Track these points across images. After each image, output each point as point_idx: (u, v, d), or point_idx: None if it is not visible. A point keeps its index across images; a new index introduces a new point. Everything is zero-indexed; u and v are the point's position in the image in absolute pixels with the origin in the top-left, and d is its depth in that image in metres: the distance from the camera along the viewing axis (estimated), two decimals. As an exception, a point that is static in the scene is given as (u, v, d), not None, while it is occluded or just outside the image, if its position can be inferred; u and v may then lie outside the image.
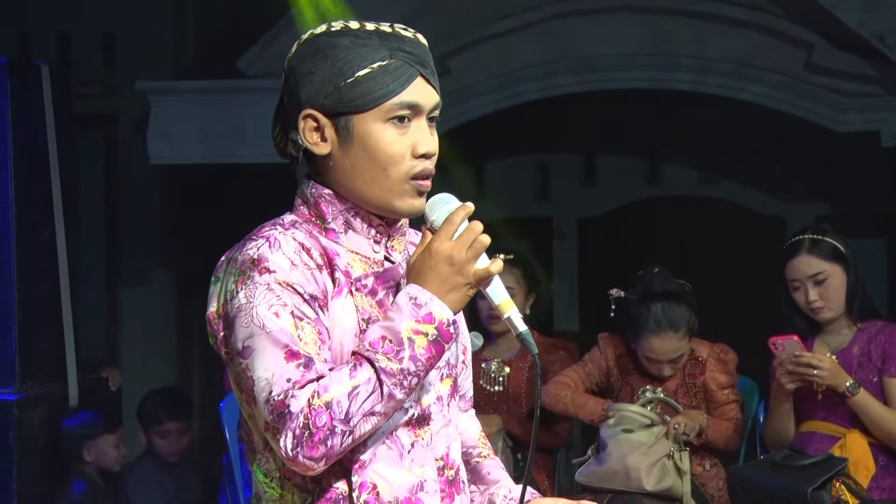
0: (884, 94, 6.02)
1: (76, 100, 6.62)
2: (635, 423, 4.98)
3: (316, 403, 2.27)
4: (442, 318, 2.36)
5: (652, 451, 4.93)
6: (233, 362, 2.36)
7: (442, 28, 6.36)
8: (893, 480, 4.85)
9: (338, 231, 2.47)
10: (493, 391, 5.47)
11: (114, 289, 7.67)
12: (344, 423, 2.28)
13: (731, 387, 5.18)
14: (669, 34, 6.28)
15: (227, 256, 2.45)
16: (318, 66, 2.42)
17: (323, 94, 2.42)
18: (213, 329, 2.42)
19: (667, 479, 4.94)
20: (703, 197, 7.23)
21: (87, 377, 6.22)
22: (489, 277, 2.42)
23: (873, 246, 6.81)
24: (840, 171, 6.68)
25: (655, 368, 5.14)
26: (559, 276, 7.16)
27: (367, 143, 2.42)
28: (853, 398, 4.73)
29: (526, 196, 7.43)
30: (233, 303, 2.36)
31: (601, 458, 5.02)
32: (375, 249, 2.49)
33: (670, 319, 5.05)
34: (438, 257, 2.38)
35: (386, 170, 2.43)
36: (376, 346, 2.32)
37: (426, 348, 2.34)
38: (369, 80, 2.40)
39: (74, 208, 6.27)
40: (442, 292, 2.37)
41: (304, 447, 2.27)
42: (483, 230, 2.40)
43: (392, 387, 2.31)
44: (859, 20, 5.86)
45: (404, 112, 2.42)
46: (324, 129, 2.43)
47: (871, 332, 4.88)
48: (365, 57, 2.40)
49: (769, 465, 4.83)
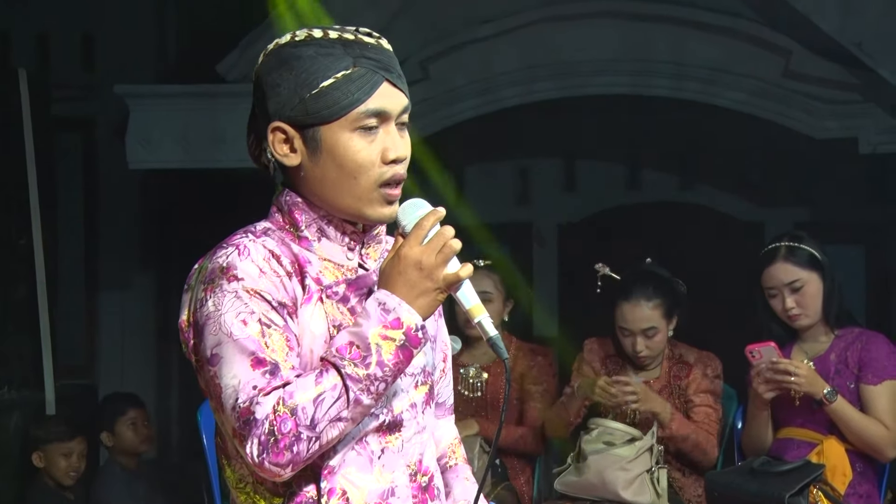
0: (861, 101, 6.04)
1: (56, 104, 6.63)
2: (617, 437, 4.99)
3: (281, 410, 2.27)
4: (410, 324, 2.35)
5: (632, 465, 4.95)
6: (202, 370, 2.37)
7: (422, 33, 6.37)
8: (870, 487, 4.86)
9: (311, 239, 2.47)
10: (472, 397, 5.48)
11: (93, 293, 7.66)
12: (309, 430, 2.29)
13: (711, 393, 5.18)
14: (648, 40, 6.28)
15: (199, 264, 2.45)
16: (283, 79, 2.42)
17: (289, 107, 2.42)
18: (185, 337, 2.43)
19: (644, 495, 4.96)
20: (682, 203, 7.25)
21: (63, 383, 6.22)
22: (459, 282, 2.41)
23: (851, 252, 6.83)
24: (818, 177, 6.69)
25: (629, 343, 5.15)
26: (539, 282, 7.17)
27: (336, 153, 2.42)
28: (830, 405, 4.74)
29: (506, 201, 7.44)
30: (202, 311, 2.36)
31: (581, 469, 5.04)
32: (349, 257, 2.50)
33: (643, 289, 5.10)
34: (407, 262, 2.37)
35: (356, 178, 2.43)
36: (343, 351, 2.32)
37: (394, 354, 2.34)
38: (334, 91, 2.40)
39: (52, 213, 6.27)
40: (411, 297, 2.37)
41: (269, 453, 2.28)
42: (454, 235, 2.39)
43: (358, 392, 2.31)
44: (837, 27, 5.87)
45: (371, 121, 2.42)
46: (293, 140, 2.44)
47: (849, 339, 4.89)
48: (329, 67, 2.40)
49: (747, 472, 4.83)
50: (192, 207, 6.69)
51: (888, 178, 6.48)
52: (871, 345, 4.86)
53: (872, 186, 6.65)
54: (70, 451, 5.84)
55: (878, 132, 6.03)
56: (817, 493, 4.70)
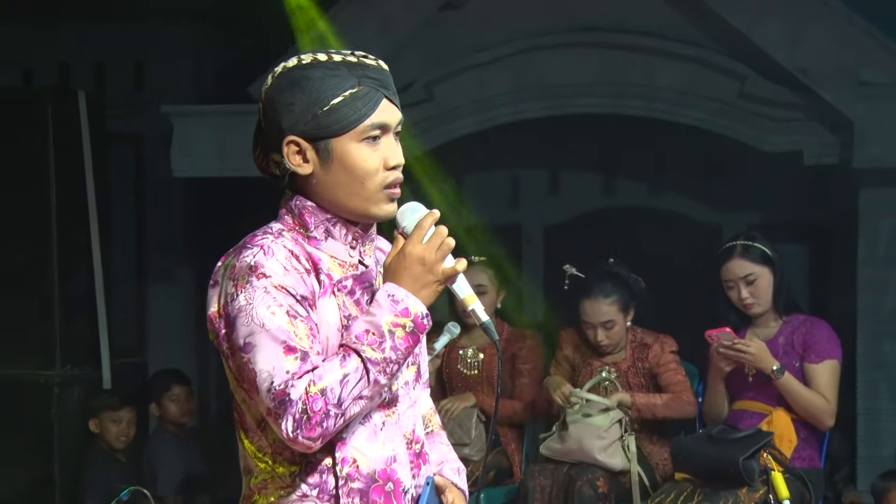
0: (806, 120, 6.04)
1: (110, 121, 6.64)
2: (595, 408, 5.03)
3: (312, 391, 2.27)
4: (417, 312, 2.37)
5: (607, 434, 5.00)
6: (234, 356, 2.35)
7: (426, 60, 6.37)
8: (812, 451, 4.90)
9: (319, 238, 2.46)
10: (470, 374, 5.52)
11: (143, 285, 7.67)
12: (337, 407, 2.29)
13: (672, 361, 5.21)
14: (622, 67, 6.28)
15: (223, 262, 2.43)
16: (296, 97, 2.40)
17: (303, 122, 2.40)
18: (215, 327, 2.40)
19: (616, 458, 5.00)
20: (652, 207, 7.24)
21: (117, 362, 6.24)
22: (455, 275, 2.44)
23: (797, 250, 6.84)
24: (768, 185, 6.69)
25: (592, 334, 5.20)
26: (528, 276, 7.18)
27: (346, 162, 2.41)
28: (778, 380, 4.78)
29: (498, 206, 7.43)
30: (233, 304, 2.34)
31: (563, 437, 5.08)
32: (351, 254, 2.49)
33: (603, 288, 5.14)
34: (412, 259, 2.39)
35: (363, 182, 2.43)
36: (361, 338, 2.33)
37: (404, 338, 2.35)
38: (343, 107, 2.39)
39: (107, 215, 6.28)
40: (415, 289, 2.38)
41: (303, 429, 2.27)
42: (448, 234, 2.42)
43: (377, 373, 2.32)
44: (785, 56, 5.89)
45: (375, 132, 2.43)
46: (305, 151, 2.42)
47: (794, 324, 4.93)
48: (337, 86, 2.40)
49: (706, 438, 4.86)
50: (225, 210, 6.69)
51: (829, 185, 6.50)
52: (814, 329, 4.90)
53: (815, 193, 6.66)
54: (120, 419, 5.87)
55: (820, 146, 6.04)
56: (767, 457, 4.73)
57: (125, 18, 7.19)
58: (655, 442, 5.20)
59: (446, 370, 5.57)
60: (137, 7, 7.06)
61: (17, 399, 5.80)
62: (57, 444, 5.77)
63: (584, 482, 4.89)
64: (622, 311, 5.19)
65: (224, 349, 2.40)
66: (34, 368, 5.84)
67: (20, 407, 5.80)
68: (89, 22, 7.18)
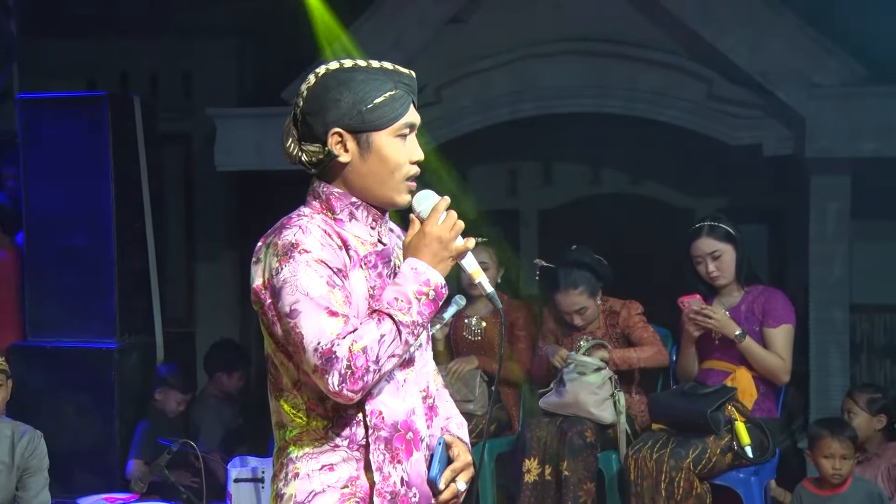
0: (765, 117, 6.01)
1: (162, 123, 6.65)
2: (588, 367, 5.04)
3: (356, 349, 2.29)
4: (437, 282, 2.40)
5: (599, 390, 5.01)
6: (281, 322, 2.36)
7: (436, 66, 6.35)
8: (770, 404, 4.92)
9: (344, 220, 2.48)
10: (474, 340, 5.53)
11: (192, 264, 7.66)
12: (375, 363, 2.31)
13: (640, 320, 5.20)
14: (606, 71, 6.26)
15: (265, 242, 2.44)
16: (342, 95, 2.42)
17: (348, 117, 2.42)
18: (261, 298, 2.41)
19: (607, 412, 5.01)
20: (633, 193, 7.22)
21: (168, 331, 6.25)
22: (465, 252, 2.47)
23: (758, 230, 6.81)
24: (734, 173, 6.68)
25: (569, 318, 5.20)
26: (524, 255, 7.13)
27: (382, 153, 2.44)
28: (741, 343, 4.80)
29: (499, 194, 7.41)
30: (278, 277, 2.35)
31: (560, 392, 5.09)
32: (371, 234, 2.51)
33: (570, 281, 5.14)
34: (431, 237, 2.42)
35: (393, 173, 2.46)
36: (392, 304, 2.35)
37: (427, 304, 2.38)
38: (384, 106, 2.43)
39: (161, 205, 6.29)
40: (434, 263, 2.41)
41: (348, 382, 2.29)
42: (458, 217, 2.45)
43: (407, 334, 2.35)
44: (747, 61, 5.88)
45: (406, 130, 2.47)
46: (346, 142, 2.44)
47: (754, 294, 4.94)
48: (378, 88, 2.43)
49: (679, 394, 4.89)
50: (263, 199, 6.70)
51: (785, 173, 6.49)
52: (772, 298, 4.91)
53: (773, 180, 6.65)
54: (182, 401, 5.90)
55: (777, 140, 6.02)
56: (731, 409, 4.75)
57: (176, 33, 7.19)
58: (634, 395, 5.22)
59: (453, 337, 5.58)
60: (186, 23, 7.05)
61: (82, 365, 5.82)
62: (117, 404, 5.79)
63: (574, 433, 4.91)
64: (591, 296, 5.18)
65: (270, 317, 2.40)
66: (96, 337, 5.86)
67: (84, 372, 5.81)
68: (145, 36, 7.18)
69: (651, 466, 4.63)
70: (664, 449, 4.66)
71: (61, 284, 5.88)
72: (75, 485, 5.52)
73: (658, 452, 4.65)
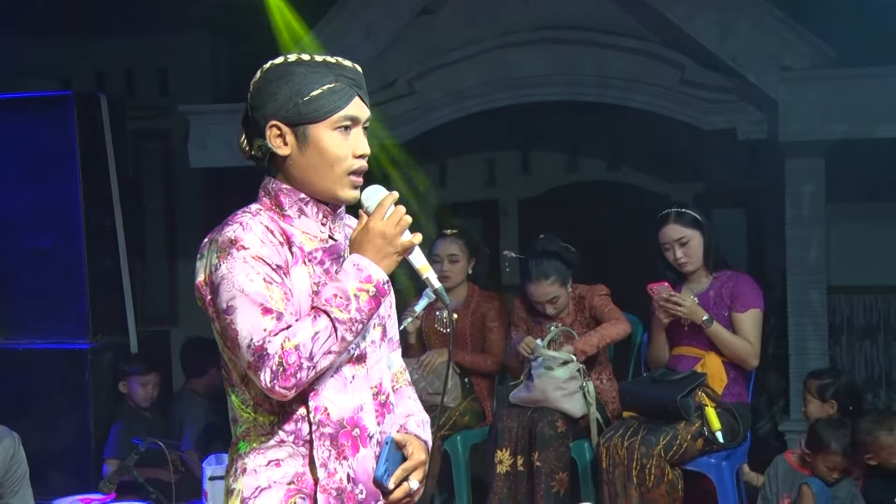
0: (737, 101, 6.00)
1: (140, 120, 6.62)
2: (555, 362, 5.02)
3: (287, 346, 2.28)
4: (379, 279, 2.38)
5: (567, 384, 4.98)
6: (219, 318, 2.36)
7: (407, 59, 6.33)
8: (740, 388, 4.90)
9: (293, 217, 2.47)
10: (446, 333, 5.50)
11: (173, 260, 7.66)
12: (309, 360, 2.29)
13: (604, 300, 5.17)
14: (578, 59, 6.23)
15: (209, 238, 2.44)
16: (280, 88, 2.41)
17: (285, 109, 2.41)
18: (202, 294, 2.41)
19: (576, 405, 4.99)
20: (610, 180, 7.21)
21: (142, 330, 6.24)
22: (412, 247, 2.44)
23: (734, 213, 6.81)
24: (708, 158, 6.67)
25: (541, 308, 5.19)
26: (504, 244, 7.16)
27: (320, 146, 2.43)
28: (709, 329, 4.78)
29: (478, 184, 7.41)
30: (217, 273, 2.35)
31: (529, 387, 5.07)
32: (322, 230, 2.49)
33: (541, 271, 5.11)
34: (374, 233, 2.40)
35: (333, 166, 2.44)
36: (330, 301, 2.33)
37: (368, 301, 2.36)
38: (321, 99, 2.41)
39: (133, 202, 6.25)
40: (377, 259, 2.39)
41: (279, 379, 2.28)
42: (405, 212, 2.42)
43: (344, 332, 2.33)
44: (717, 46, 5.85)
45: (346, 123, 2.44)
46: (285, 135, 2.43)
47: (722, 279, 4.92)
48: (316, 81, 2.42)
49: (650, 380, 4.88)
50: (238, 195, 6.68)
51: (758, 157, 6.47)
52: (740, 283, 4.89)
53: (749, 164, 6.63)
54: (146, 382, 5.88)
55: (750, 123, 6.00)
56: (701, 395, 4.75)
57: (150, 31, 7.17)
58: (605, 383, 5.20)
59: (425, 330, 5.56)
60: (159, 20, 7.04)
61: (55, 366, 5.81)
62: (92, 405, 5.78)
63: (545, 423, 4.90)
64: (562, 285, 5.17)
65: (210, 313, 2.40)
66: (69, 337, 5.84)
67: (57, 373, 5.80)
68: (119, 34, 7.16)
69: (622, 454, 4.62)
70: (635, 436, 4.64)
71: (32, 286, 5.86)
72: (51, 486, 5.50)
73: (629, 440, 4.64)
